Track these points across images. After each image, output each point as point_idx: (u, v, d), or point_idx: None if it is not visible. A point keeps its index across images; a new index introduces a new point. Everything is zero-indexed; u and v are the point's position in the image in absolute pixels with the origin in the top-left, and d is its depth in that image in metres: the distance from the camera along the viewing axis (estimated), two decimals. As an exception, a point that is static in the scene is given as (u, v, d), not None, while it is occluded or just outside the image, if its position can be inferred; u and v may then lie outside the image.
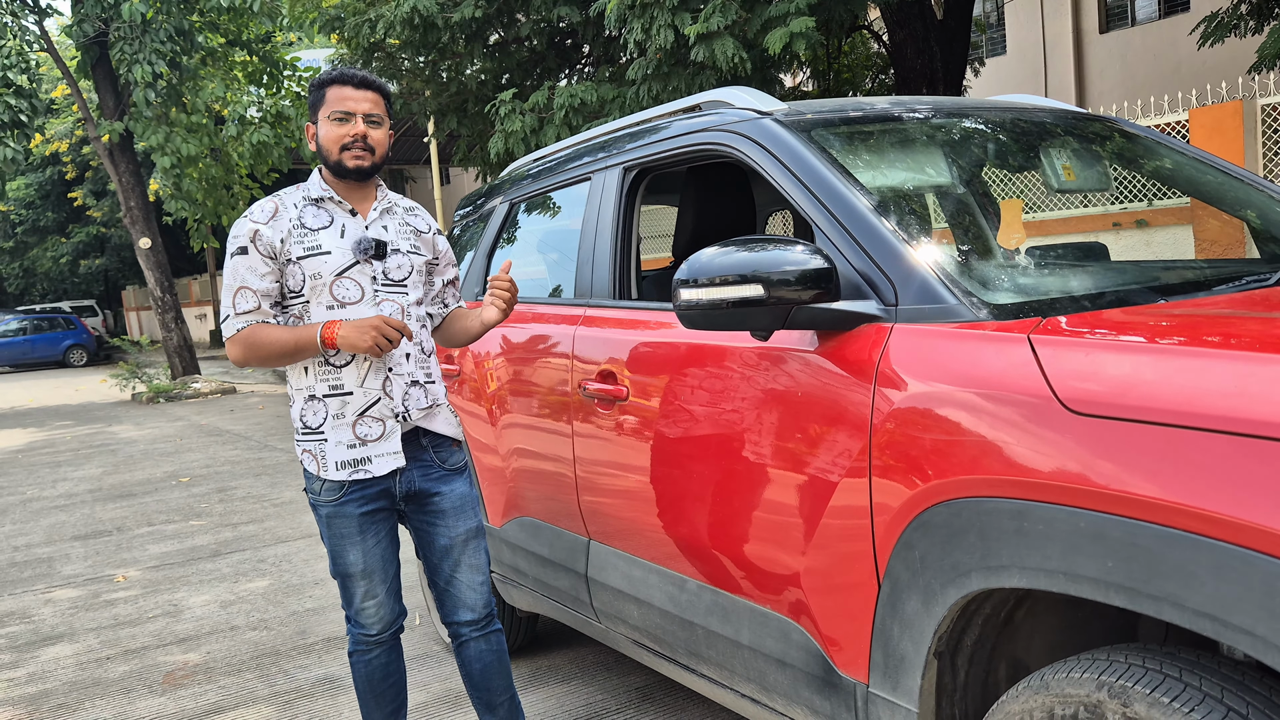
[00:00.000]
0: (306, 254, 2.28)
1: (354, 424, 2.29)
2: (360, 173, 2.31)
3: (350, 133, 2.28)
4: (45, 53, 14.50)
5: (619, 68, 9.71)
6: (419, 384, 2.38)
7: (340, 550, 2.35)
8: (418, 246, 2.43)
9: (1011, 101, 2.74)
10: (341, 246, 2.30)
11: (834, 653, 1.85)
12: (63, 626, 4.23)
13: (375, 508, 2.34)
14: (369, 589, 2.38)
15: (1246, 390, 1.26)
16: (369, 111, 2.30)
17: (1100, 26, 16.17)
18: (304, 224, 2.30)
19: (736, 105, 2.40)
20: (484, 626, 2.50)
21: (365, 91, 2.31)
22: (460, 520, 2.43)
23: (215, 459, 8.52)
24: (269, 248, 2.27)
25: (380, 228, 2.37)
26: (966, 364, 1.61)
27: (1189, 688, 1.31)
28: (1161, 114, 7.80)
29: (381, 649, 2.45)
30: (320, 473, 2.30)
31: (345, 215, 2.34)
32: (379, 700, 2.48)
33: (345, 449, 2.29)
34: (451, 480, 2.43)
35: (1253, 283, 1.83)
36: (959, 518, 1.55)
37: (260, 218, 2.29)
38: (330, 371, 2.29)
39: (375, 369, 2.30)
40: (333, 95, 2.30)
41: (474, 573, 2.47)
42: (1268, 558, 1.18)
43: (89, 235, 29.75)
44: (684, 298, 1.89)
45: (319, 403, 2.30)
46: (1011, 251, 2.22)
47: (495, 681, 2.53)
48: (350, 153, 2.29)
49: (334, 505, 2.31)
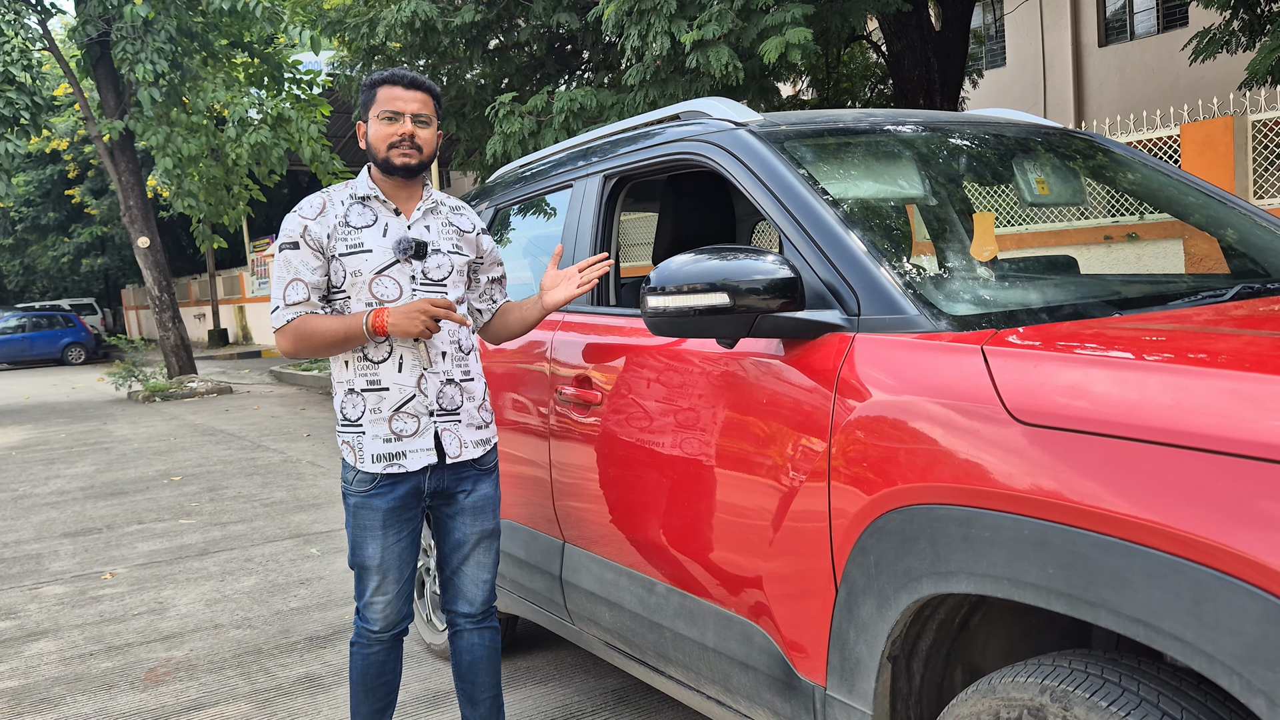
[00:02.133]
0: (349, 251, 2.34)
1: (390, 419, 2.35)
2: (408, 170, 2.37)
3: (399, 132, 2.34)
4: (48, 51, 14.55)
5: (617, 74, 9.76)
6: (454, 382, 2.41)
7: (361, 541, 2.40)
8: (460, 246, 2.47)
9: (990, 116, 2.78)
10: (383, 245, 2.35)
11: (794, 656, 1.88)
12: (48, 623, 4.26)
13: (402, 505, 2.38)
14: (380, 585, 2.42)
15: (1184, 404, 1.29)
16: (417, 112, 2.36)
17: (1099, 40, 16.24)
18: (349, 221, 2.36)
19: (714, 116, 2.44)
20: (480, 621, 2.55)
21: (414, 92, 2.37)
22: (479, 521, 2.48)
23: (208, 458, 8.55)
24: (317, 242, 2.34)
25: (423, 228, 2.41)
26: (923, 374, 1.65)
27: (1127, 692, 1.35)
28: (1154, 128, 7.85)
29: (381, 647, 2.49)
30: (356, 464, 2.37)
31: (389, 214, 2.40)
32: (369, 695, 2.52)
33: (381, 443, 2.35)
34: (480, 480, 2.48)
35: (1208, 298, 1.86)
36: (911, 524, 1.59)
37: (309, 214, 2.36)
38: (368, 366, 2.35)
39: (411, 366, 2.35)
40: (383, 95, 2.36)
41: (480, 570, 2.52)
42: (1196, 565, 1.21)
43: (91, 235, 29.81)
44: (652, 305, 1.92)
45: (358, 396, 2.36)
46: (978, 264, 2.25)
47: (481, 677, 2.56)
48: (398, 151, 2.35)
49: (363, 496, 2.37)
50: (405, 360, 2.35)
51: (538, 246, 3.22)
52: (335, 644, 3.79)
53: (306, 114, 14.01)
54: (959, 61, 10.50)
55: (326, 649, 3.74)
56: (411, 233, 2.38)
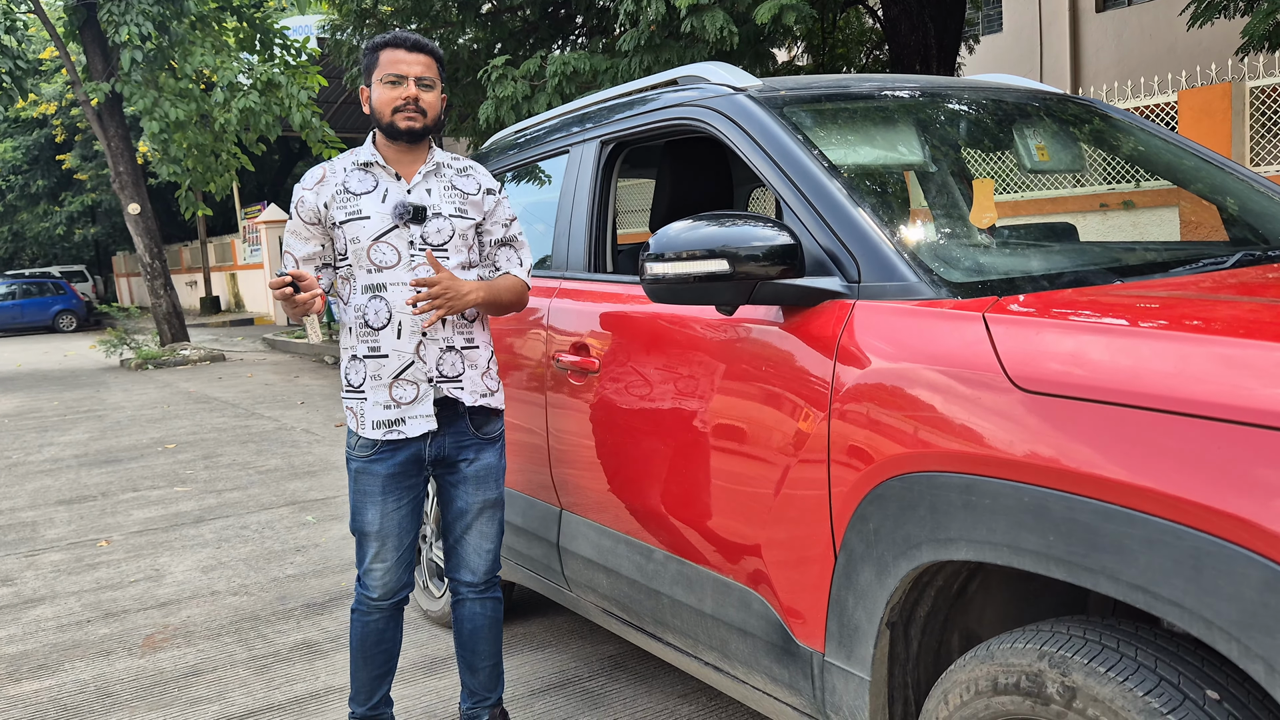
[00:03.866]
0: (348, 218, 2.34)
1: (390, 386, 2.35)
2: (412, 134, 2.35)
3: (402, 95, 2.32)
4: (33, 14, 14.32)
5: (612, 39, 9.66)
6: (455, 349, 2.40)
7: (361, 506, 2.41)
8: (464, 209, 2.42)
9: (989, 81, 2.75)
10: (381, 211, 2.34)
11: (792, 622, 1.89)
12: (44, 590, 4.27)
13: (402, 472, 2.39)
14: (379, 552, 2.42)
15: (1184, 371, 1.29)
16: (421, 75, 2.33)
17: (1096, 5, 16.12)
18: (348, 189, 2.36)
19: (712, 81, 2.41)
20: (482, 590, 2.56)
21: (418, 55, 2.34)
22: (481, 490, 2.48)
23: (202, 426, 8.54)
24: (312, 213, 2.36)
25: (423, 191, 2.39)
26: (924, 341, 1.64)
27: (1124, 658, 1.35)
28: (1152, 95, 7.81)
29: (381, 615, 2.49)
30: (359, 430, 2.38)
31: (390, 179, 2.38)
32: (367, 662, 2.53)
33: (382, 409, 2.36)
34: (483, 449, 2.47)
35: (1209, 265, 1.86)
36: (911, 491, 1.59)
37: (308, 184, 2.39)
38: (369, 334, 2.36)
39: (410, 333, 2.35)
40: (385, 58, 2.34)
41: (483, 539, 2.52)
42: (1196, 532, 1.21)
43: (82, 204, 29.56)
44: (651, 271, 1.91)
45: (360, 363, 2.38)
46: (978, 230, 2.24)
47: (481, 645, 2.58)
48: (402, 114, 2.33)
49: (364, 461, 2.39)
50: (404, 326, 2.34)
51: (533, 214, 3.20)
52: (332, 610, 3.81)
53: (298, 79, 13.84)
54: (955, 27, 10.41)
55: (323, 615, 3.76)
56: (411, 197, 2.36)
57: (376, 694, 2.57)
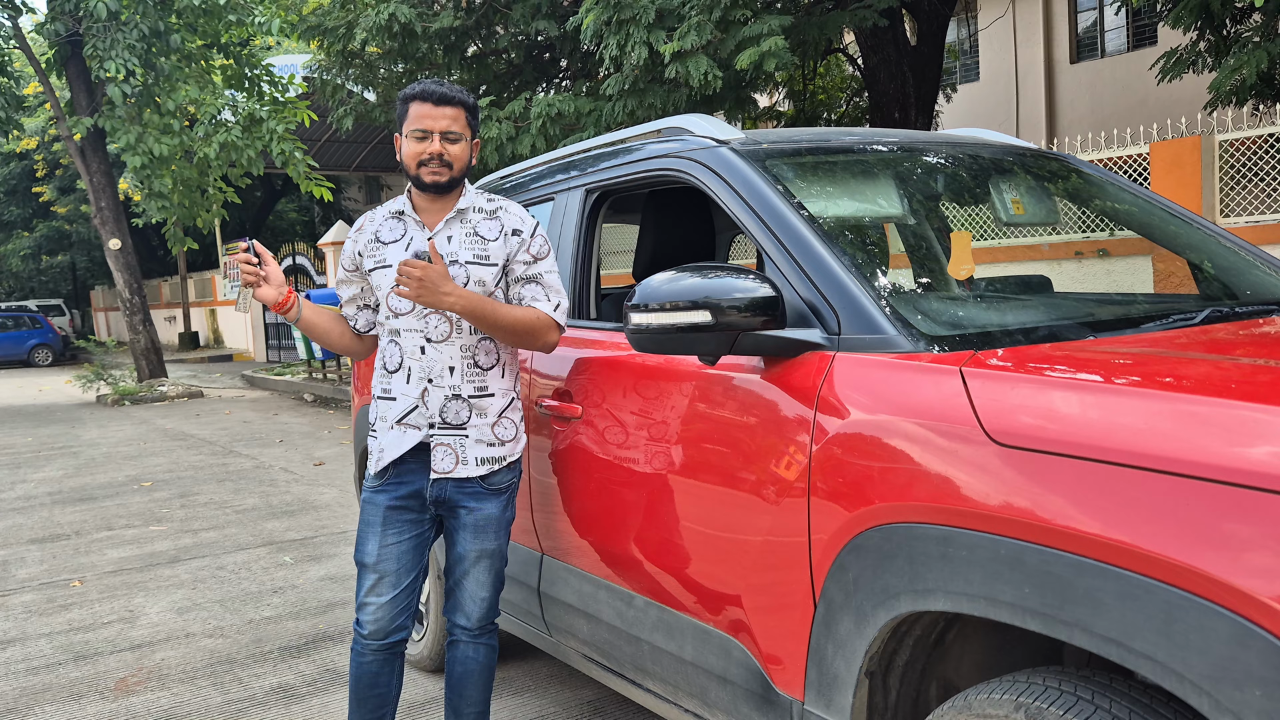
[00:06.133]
0: (374, 267, 2.44)
1: (392, 427, 2.42)
2: (437, 188, 2.38)
3: (428, 150, 2.35)
4: (18, 50, 14.35)
5: (595, 82, 9.79)
6: (461, 398, 2.38)
7: (363, 536, 2.45)
8: (483, 255, 2.39)
9: (966, 136, 2.82)
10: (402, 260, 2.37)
11: (772, 670, 1.90)
12: (14, 631, 4.20)
13: (403, 506, 2.42)
14: (375, 585, 2.42)
15: (1155, 428, 1.32)
16: (447, 129, 2.35)
17: (1071, 57, 16.47)
18: (379, 238, 2.44)
19: (696, 133, 2.46)
20: (476, 635, 2.55)
21: (444, 108, 2.35)
22: (479, 539, 2.46)
23: (178, 464, 8.46)
24: (350, 259, 2.50)
25: (444, 239, 2.41)
26: (902, 393, 1.68)
27: (1099, 709, 1.38)
28: (1125, 146, 7.97)
29: (375, 657, 2.45)
30: (372, 466, 2.46)
31: (416, 228, 2.43)
32: (360, 704, 2.49)
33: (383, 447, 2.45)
34: (485, 499, 2.44)
35: (1179, 321, 1.91)
36: (889, 542, 1.61)
37: (352, 231, 2.51)
38: (385, 376, 2.44)
39: (417, 379, 2.39)
40: (414, 112, 2.36)
41: (479, 588, 2.51)
42: (1168, 587, 1.24)
43: (51, 229, 29.37)
44: (635, 322, 1.94)
45: (377, 403, 2.46)
46: (957, 284, 2.29)
47: (470, 690, 2.56)
48: (427, 169, 2.36)
49: (370, 491, 2.45)
50: (412, 372, 2.39)
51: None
52: (309, 654, 3.77)
53: (278, 115, 13.88)
54: (933, 76, 10.62)
55: (300, 659, 3.72)
56: (425, 246, 2.38)
57: None
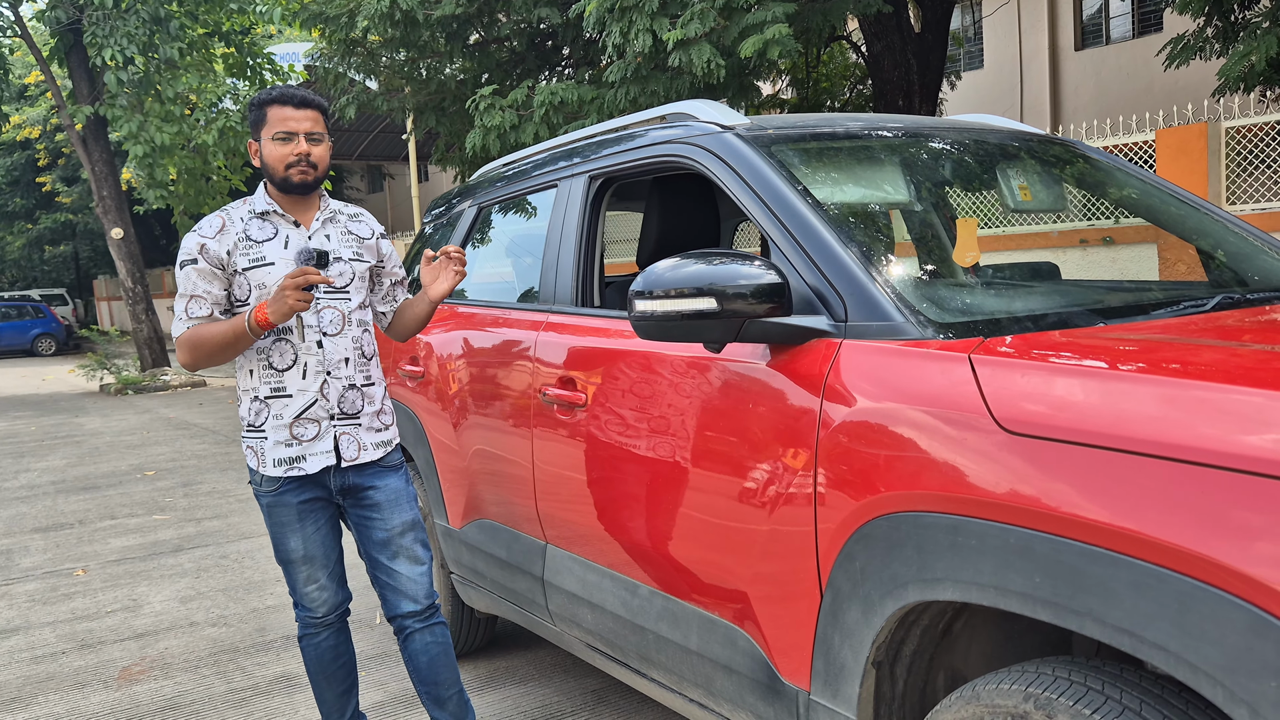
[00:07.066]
0: (252, 265, 2.41)
1: (290, 425, 2.42)
2: (305, 187, 2.44)
3: (294, 152, 2.40)
4: (19, 38, 14.30)
5: (598, 70, 9.73)
6: (356, 387, 2.49)
7: (282, 537, 2.48)
8: (360, 253, 2.55)
9: (972, 122, 2.79)
10: (285, 257, 2.43)
11: (778, 660, 1.89)
12: (18, 620, 4.20)
13: (311, 497, 2.48)
14: (310, 574, 2.51)
15: (1166, 415, 1.30)
16: (310, 130, 2.42)
17: (1075, 44, 16.38)
18: (249, 236, 2.43)
19: (700, 119, 2.44)
20: (427, 618, 2.56)
21: (306, 110, 2.42)
22: (396, 513, 2.52)
23: (181, 453, 8.46)
24: (216, 260, 2.41)
25: (323, 237, 2.50)
26: (910, 381, 1.66)
27: (1110, 700, 1.36)
28: (1130, 133, 7.93)
29: (329, 631, 2.58)
30: (260, 468, 2.45)
31: (289, 227, 2.47)
32: (330, 681, 2.59)
33: (283, 447, 2.43)
34: (385, 475, 2.54)
35: (1189, 308, 1.88)
36: (898, 531, 1.59)
37: (208, 233, 2.43)
38: (273, 375, 2.43)
39: (314, 372, 2.42)
40: (274, 115, 2.41)
41: (413, 564, 2.54)
42: (1180, 576, 1.22)
43: (55, 221, 29.34)
44: (639, 309, 1.92)
45: (262, 404, 2.44)
46: (963, 270, 2.27)
47: (443, 674, 2.57)
48: (295, 170, 2.41)
49: (273, 495, 2.46)
50: (309, 366, 2.42)
51: (521, 246, 3.21)
52: (312, 643, 3.77)
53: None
54: (938, 63, 10.55)
55: (303, 648, 3.72)
56: (312, 243, 2.46)
57: (347, 710, 2.63)
